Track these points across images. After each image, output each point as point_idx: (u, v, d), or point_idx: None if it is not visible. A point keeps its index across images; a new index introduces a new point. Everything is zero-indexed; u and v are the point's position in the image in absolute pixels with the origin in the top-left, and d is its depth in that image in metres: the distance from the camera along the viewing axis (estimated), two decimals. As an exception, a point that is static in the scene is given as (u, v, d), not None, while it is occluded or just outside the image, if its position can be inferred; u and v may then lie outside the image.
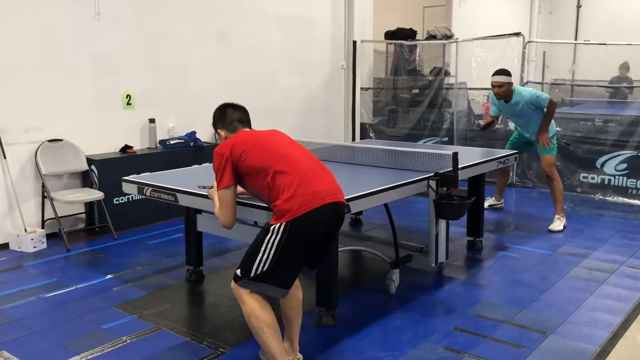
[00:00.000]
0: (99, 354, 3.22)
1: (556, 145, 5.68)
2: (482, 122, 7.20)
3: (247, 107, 3.16)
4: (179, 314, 3.79)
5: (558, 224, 5.57)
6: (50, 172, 5.27)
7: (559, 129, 7.31)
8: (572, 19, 13.91)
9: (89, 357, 3.18)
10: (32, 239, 4.99)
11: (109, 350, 3.26)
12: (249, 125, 3.09)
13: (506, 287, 4.20)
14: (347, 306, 3.80)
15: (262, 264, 2.71)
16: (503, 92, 5.41)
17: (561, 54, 11.90)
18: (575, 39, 13.37)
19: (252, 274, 2.72)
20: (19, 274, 4.51)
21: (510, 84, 5.44)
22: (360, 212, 5.58)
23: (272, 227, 2.72)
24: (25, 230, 5.06)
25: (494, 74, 5.47)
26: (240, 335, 3.42)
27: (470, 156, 4.83)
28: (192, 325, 3.62)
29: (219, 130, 3.11)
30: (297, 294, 2.99)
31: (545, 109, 5.46)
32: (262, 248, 2.71)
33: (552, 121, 5.63)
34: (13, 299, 3.98)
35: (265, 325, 2.75)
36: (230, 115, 3.07)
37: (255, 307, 2.74)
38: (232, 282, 2.81)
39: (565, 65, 11.79)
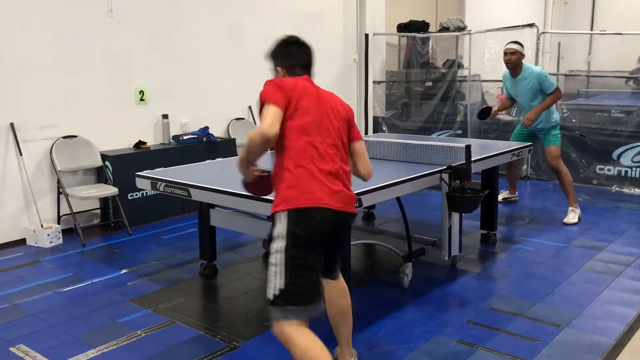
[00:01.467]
0: (114, 347, 3.25)
1: (559, 135, 5.63)
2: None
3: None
4: (193, 307, 3.81)
5: (572, 216, 5.52)
6: (65, 168, 5.32)
7: (575, 121, 7.25)
8: (588, 9, 13.72)
9: (105, 351, 3.21)
10: (48, 235, 5.05)
11: (124, 343, 3.30)
12: (310, 71, 2.73)
13: (520, 280, 4.18)
14: (360, 299, 3.79)
15: (279, 270, 2.40)
16: (515, 60, 5.50)
17: (576, 45, 11.75)
18: (591, 29, 13.19)
19: (276, 291, 2.38)
20: (35, 269, 4.57)
21: (522, 55, 5.56)
22: (373, 206, 5.58)
23: (275, 215, 2.45)
24: (42, 226, 5.12)
25: (508, 43, 5.60)
26: (254, 328, 3.44)
27: (484, 149, 4.80)
28: (206, 319, 3.65)
29: (278, 68, 2.69)
30: (339, 303, 2.79)
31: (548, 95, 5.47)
32: (274, 247, 2.43)
33: (555, 111, 5.63)
34: (30, 294, 4.04)
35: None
36: (294, 57, 2.67)
37: (309, 345, 2.38)
38: (273, 327, 2.46)
39: (580, 56, 11.64)
